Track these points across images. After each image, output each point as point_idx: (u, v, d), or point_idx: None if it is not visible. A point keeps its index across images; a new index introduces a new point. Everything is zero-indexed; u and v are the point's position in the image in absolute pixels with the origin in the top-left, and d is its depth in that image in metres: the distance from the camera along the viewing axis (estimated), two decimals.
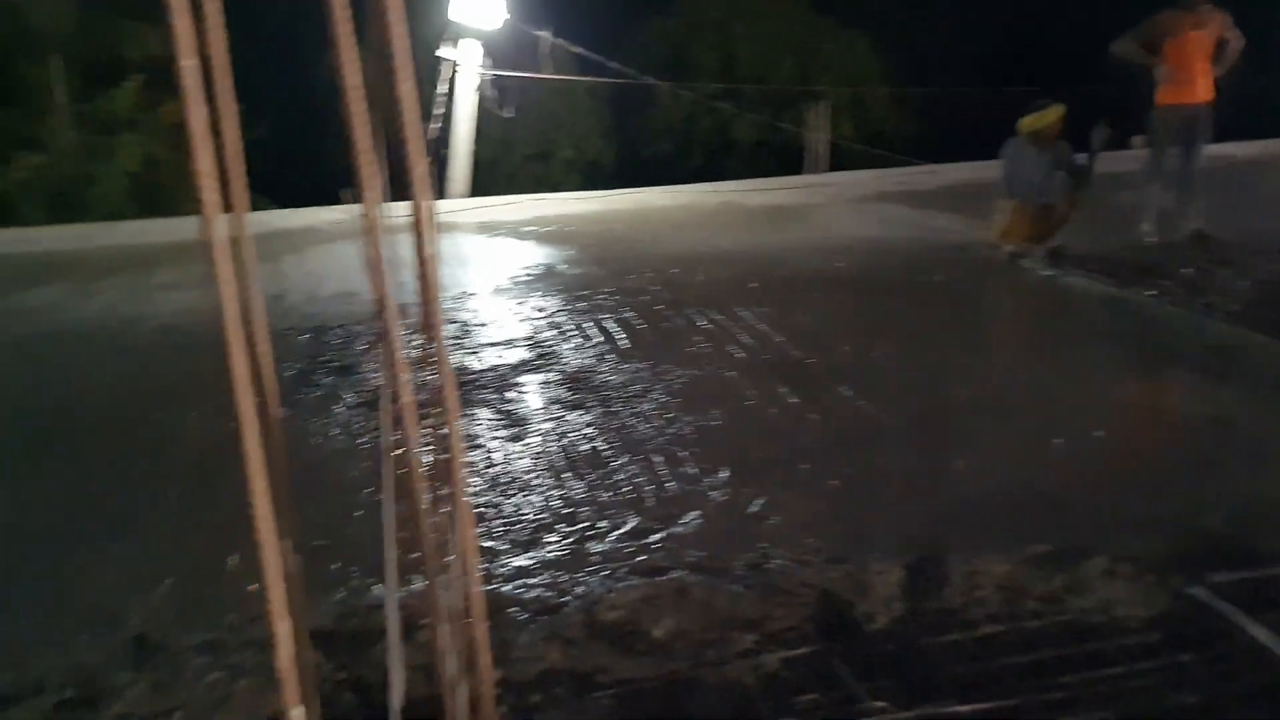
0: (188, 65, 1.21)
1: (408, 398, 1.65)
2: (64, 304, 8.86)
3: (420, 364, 1.97)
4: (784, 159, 23.59)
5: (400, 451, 1.90)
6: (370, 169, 1.91)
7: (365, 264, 1.83)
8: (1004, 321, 7.52)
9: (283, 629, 1.31)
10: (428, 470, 2.39)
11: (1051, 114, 8.37)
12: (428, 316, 1.67)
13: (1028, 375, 5.64)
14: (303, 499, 3.99)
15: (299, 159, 26.30)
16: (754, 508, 3.81)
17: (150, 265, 10.97)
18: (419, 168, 2.19)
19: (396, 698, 2.49)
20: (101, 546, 3.72)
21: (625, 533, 3.63)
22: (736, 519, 3.72)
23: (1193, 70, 8.58)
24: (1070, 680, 2.60)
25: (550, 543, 3.58)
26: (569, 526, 3.72)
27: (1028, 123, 8.43)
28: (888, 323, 7.08)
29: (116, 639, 2.99)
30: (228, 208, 1.45)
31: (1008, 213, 8.67)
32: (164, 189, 23.05)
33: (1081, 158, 8.40)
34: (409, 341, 1.81)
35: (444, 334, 6.23)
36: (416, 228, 1.58)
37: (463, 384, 5.82)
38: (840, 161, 22.30)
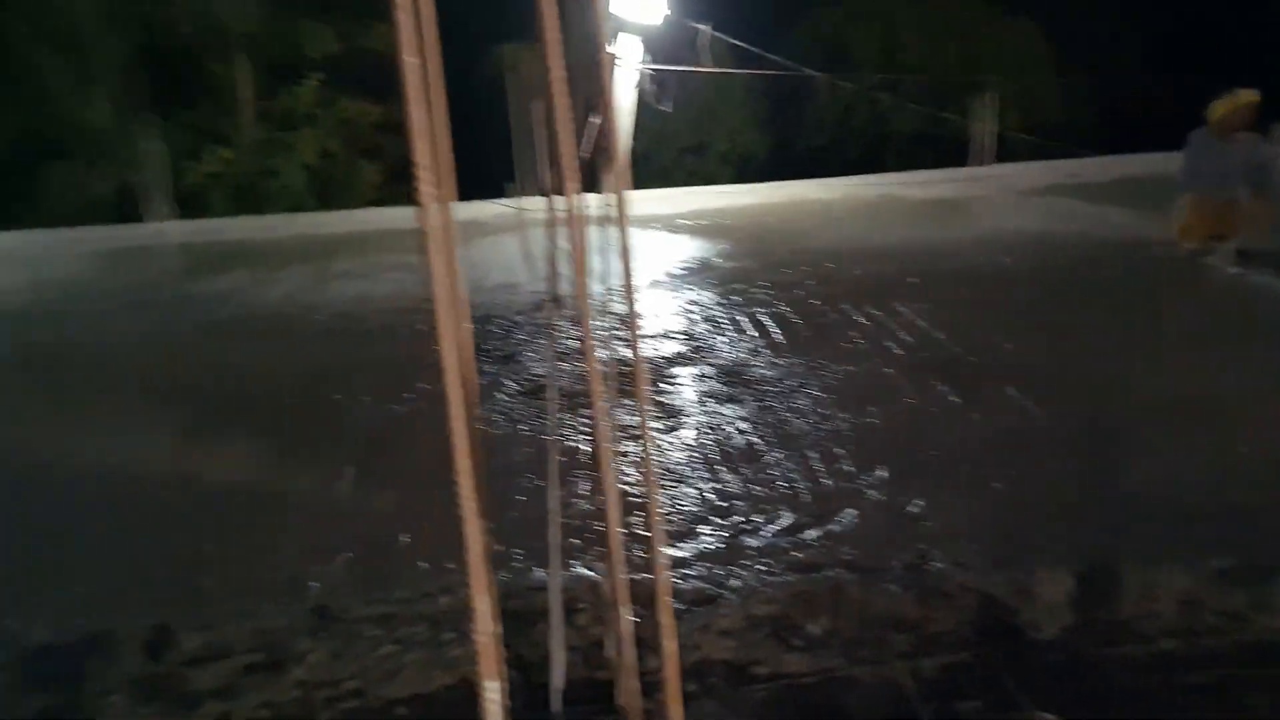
0: (411, 62, 1.28)
1: (599, 388, 1.69)
2: (249, 290, 9.47)
3: (579, 354, 2.02)
4: (946, 151, 22.90)
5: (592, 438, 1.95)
6: (571, 164, 1.95)
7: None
8: (1184, 322, 7.10)
9: (482, 605, 1.37)
10: (594, 458, 2.45)
11: (1242, 100, 7.81)
12: (627, 306, 1.70)
13: (1210, 379, 5.30)
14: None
15: (461, 154, 27.17)
16: (913, 508, 3.73)
17: (326, 255, 11.60)
18: (617, 163, 2.25)
19: (558, 677, 2.57)
20: (283, 519, 3.96)
21: (780, 528, 3.62)
22: (894, 519, 3.66)
23: None
24: (1254, 702, 2.45)
25: (705, 535, 3.60)
26: (723, 520, 3.74)
27: (1217, 110, 7.89)
28: (1057, 321, 6.79)
29: (298, 608, 3.18)
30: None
31: (1189, 208, 8.15)
32: (338, 182, 24.26)
33: (1269, 150, 7.80)
34: (567, 331, 1.86)
35: (599, 326, 6.32)
36: (620, 221, 1.62)
37: (619, 375, 5.92)
38: (1007, 153, 21.47)
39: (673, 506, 3.91)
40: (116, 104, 22.28)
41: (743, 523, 3.70)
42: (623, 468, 4.21)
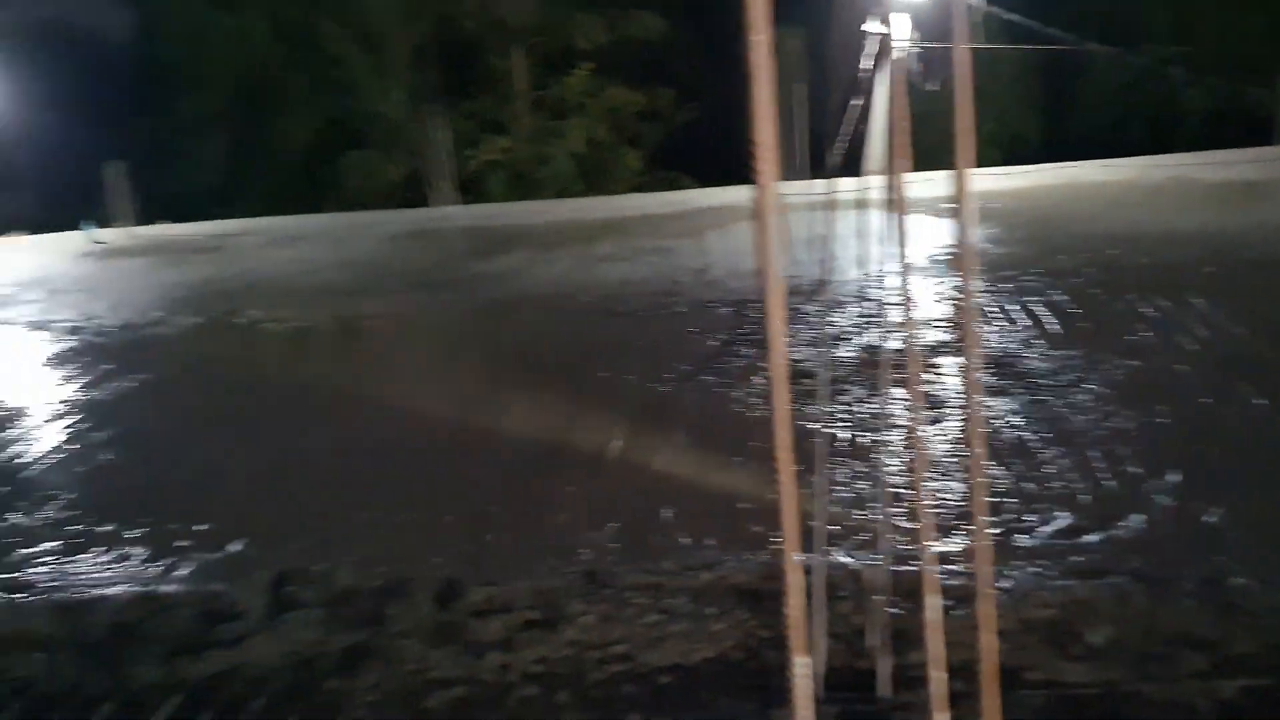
0: (758, 40, 1.31)
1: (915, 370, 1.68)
2: (524, 270, 10.03)
3: (838, 340, 2.00)
4: (1247, 130, 20.66)
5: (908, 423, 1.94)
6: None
7: (788, 240, 1.89)
8: None
9: (795, 579, 1.40)
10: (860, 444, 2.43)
11: None
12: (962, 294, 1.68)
13: None
14: (729, 463, 4.21)
15: (726, 139, 27.41)
16: (1210, 517, 3.43)
17: (591, 239, 12.08)
18: (880, 147, 2.22)
19: (820, 662, 2.58)
20: (557, 486, 4.19)
21: (1057, 529, 3.44)
22: (1188, 528, 3.38)
23: None
24: None
25: (973, 531, 3.48)
26: (993, 516, 3.59)
27: None
28: None
29: (570, 571, 3.36)
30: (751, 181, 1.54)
31: None
32: (602, 169, 25.16)
33: None
34: (827, 317, 1.84)
35: (857, 311, 6.21)
36: (960, 205, 1.60)
37: (878, 363, 5.80)
38: None
39: (938, 499, 3.80)
40: (408, 96, 24.17)
41: (1014, 521, 3.55)
42: (884, 457, 4.14)
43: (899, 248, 2.39)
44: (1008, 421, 4.61)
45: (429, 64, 22.00)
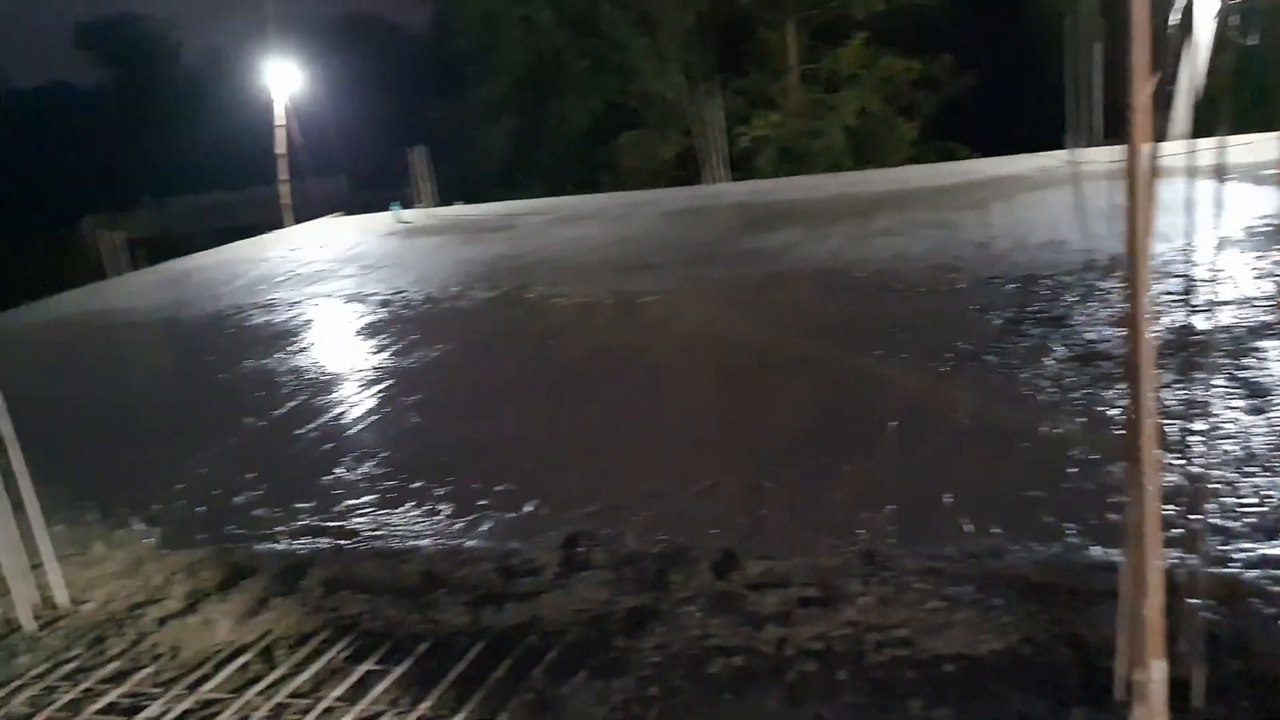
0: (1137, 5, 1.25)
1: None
2: (797, 246, 9.97)
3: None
4: None
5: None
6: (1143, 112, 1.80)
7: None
8: None
9: (1155, 577, 1.34)
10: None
11: None
12: None
13: None
14: (1015, 449, 4.02)
15: (1007, 106, 25.91)
16: None
17: (865, 213, 11.80)
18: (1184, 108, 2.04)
19: (1124, 664, 2.42)
20: (833, 464, 4.17)
21: None
22: None
23: None
24: None
25: None
26: None
27: None
28: None
29: (849, 551, 3.34)
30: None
31: None
32: (874, 141, 24.48)
33: None
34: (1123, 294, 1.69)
35: (1162, 289, 5.68)
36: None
37: (1188, 346, 5.32)
38: None
39: (1259, 497, 3.45)
40: (683, 75, 24.59)
41: None
42: (1199, 448, 3.80)
43: (1215, 218, 2.18)
44: None
45: (703, 42, 22.25)
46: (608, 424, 5.09)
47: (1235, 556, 3.06)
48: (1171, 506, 3.36)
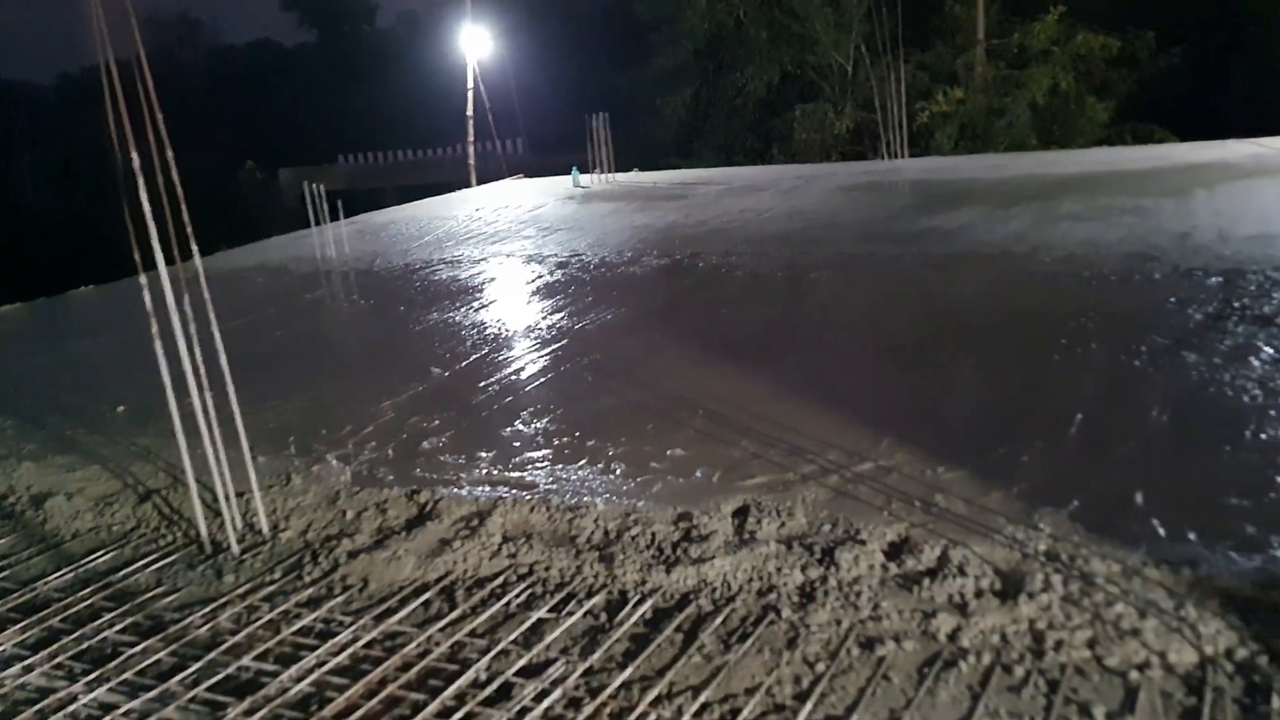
0: None
1: None
2: (977, 227, 9.64)
3: None
4: None
5: None
6: None
7: None
8: None
9: None
10: None
11: None
12: None
13: None
14: (1214, 452, 3.81)
15: (1213, 88, 24.16)
16: None
17: (1051, 195, 11.28)
18: None
19: None
20: (1013, 455, 4.04)
21: None
22: None
23: None
24: None
25: None
26: None
27: None
28: None
29: (1031, 545, 3.25)
30: None
31: None
32: (1064, 120, 23.27)
33: None
34: None
35: None
36: None
37: None
38: None
39: None
40: (864, 47, 23.97)
41: None
42: None
43: None
44: None
45: (887, 14, 21.61)
46: (778, 397, 5.08)
47: None
48: None
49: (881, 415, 4.66)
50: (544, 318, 7.36)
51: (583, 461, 4.43)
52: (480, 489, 4.22)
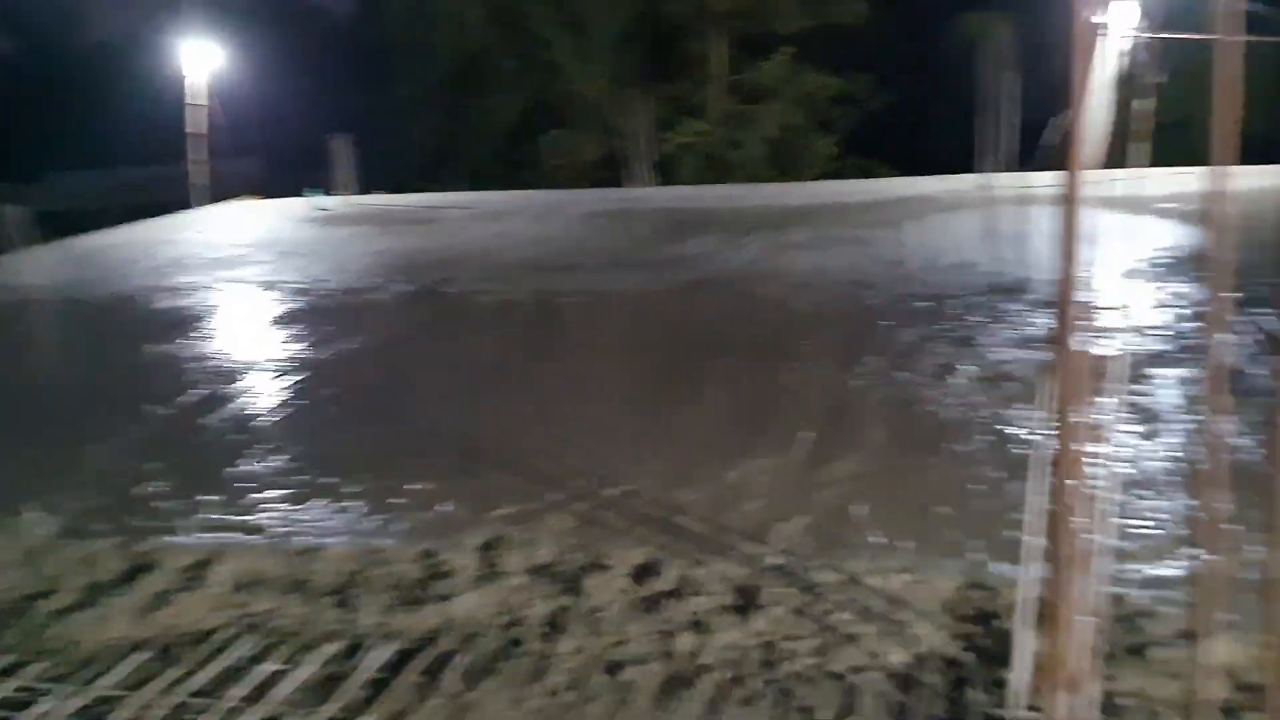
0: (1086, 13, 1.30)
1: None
2: (716, 254, 10.09)
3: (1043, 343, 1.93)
4: None
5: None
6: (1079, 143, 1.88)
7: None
8: None
9: (1069, 620, 1.39)
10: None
11: None
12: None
13: None
14: (923, 464, 4.13)
15: (922, 128, 26.56)
16: None
17: (782, 225, 12.00)
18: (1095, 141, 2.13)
19: (1018, 678, 2.52)
20: (750, 471, 4.22)
21: None
22: None
23: None
24: None
25: (1191, 558, 3.29)
26: (1211, 543, 3.38)
27: None
28: None
29: (761, 561, 3.40)
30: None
31: None
32: (794, 154, 24.88)
33: None
34: (1029, 318, 1.78)
35: (1068, 315, 5.86)
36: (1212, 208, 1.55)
37: (1089, 370, 5.54)
38: None
39: (1152, 519, 3.62)
40: (611, 77, 24.61)
41: (1234, 550, 3.33)
42: (1089, 469, 3.96)
43: (1130, 247, 2.29)
44: (1233, 443, 4.32)
45: (632, 47, 22.32)
46: (526, 426, 5.07)
47: (1128, 577, 3.21)
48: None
49: (627, 440, 4.75)
50: (280, 349, 6.99)
51: (319, 501, 4.22)
52: (203, 535, 3.92)
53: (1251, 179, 13.44)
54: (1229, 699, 2.49)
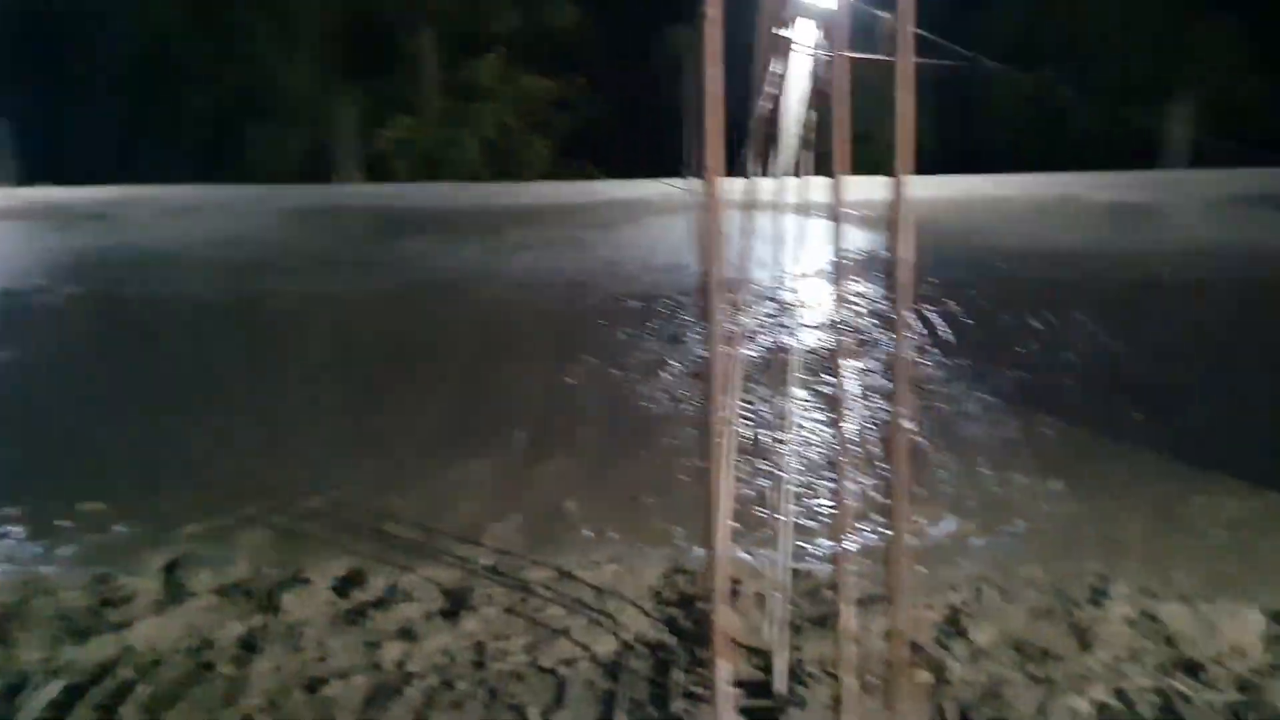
0: (712, 15, 1.34)
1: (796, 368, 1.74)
2: (431, 255, 9.90)
3: (746, 339, 2.06)
4: (1134, 153, 21.63)
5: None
6: (715, 147, 1.97)
7: (701, 237, 1.93)
8: None
9: (721, 586, 1.45)
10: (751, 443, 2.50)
11: None
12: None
13: None
14: (634, 457, 4.25)
15: (636, 133, 27.43)
16: (1090, 527, 3.62)
17: (500, 226, 11.98)
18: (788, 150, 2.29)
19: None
20: (463, 474, 4.17)
21: (945, 532, 3.59)
22: (1069, 534, 3.56)
23: None
24: None
25: (866, 531, 3.60)
26: (886, 518, 3.72)
27: None
28: (1252, 343, 6.40)
29: (474, 563, 3.36)
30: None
31: None
32: (511, 155, 24.94)
33: None
34: (734, 316, 1.89)
35: (762, 312, 6.29)
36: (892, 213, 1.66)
37: (783, 363, 5.93)
38: (1202, 158, 20.15)
39: (833, 500, 3.91)
40: (316, 69, 23.53)
41: (904, 524, 3.68)
42: (786, 456, 4.24)
43: (831, 248, 2.46)
44: (906, 425, 4.76)
45: (339, 39, 21.45)
46: (217, 439, 4.73)
47: (815, 553, 3.46)
48: (766, 509, 3.72)
49: (333, 449, 4.55)
50: None
51: None
52: None
53: (929, 189, 14.95)
54: (902, 658, 2.73)
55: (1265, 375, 5.58)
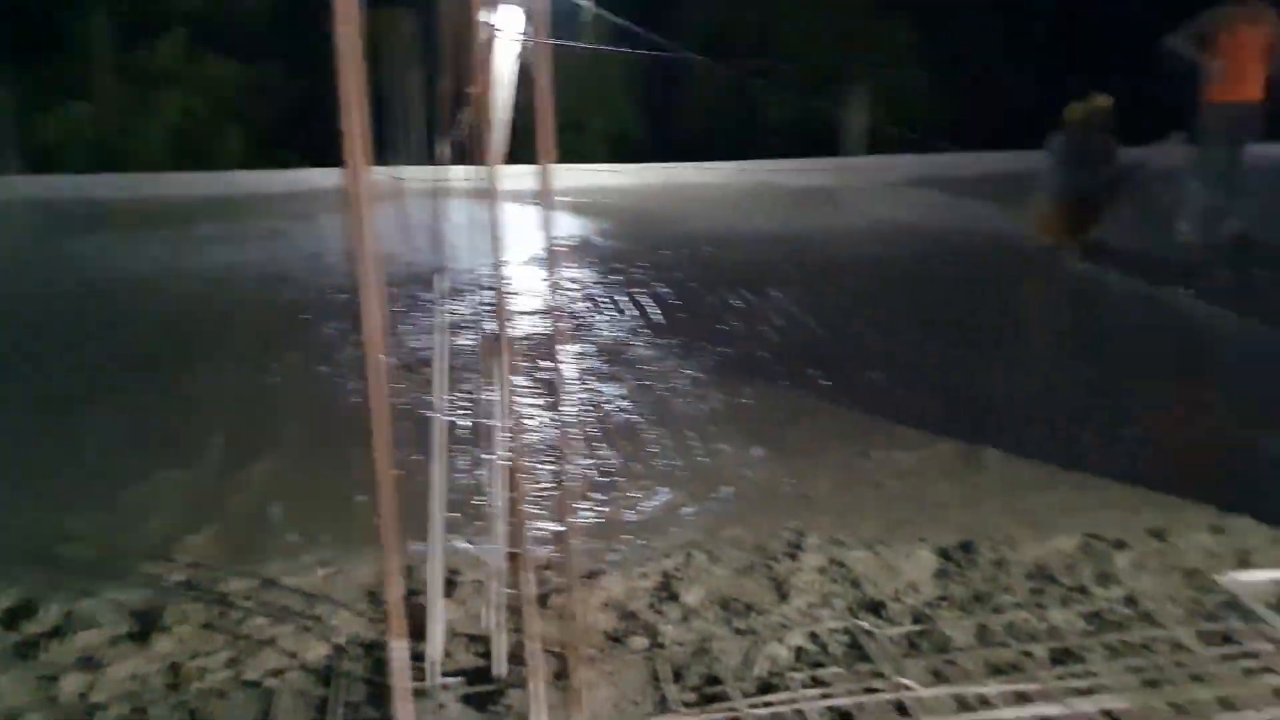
0: (345, 31, 1.29)
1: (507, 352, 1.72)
2: (113, 252, 9.04)
3: (456, 329, 2.04)
4: (818, 141, 23.46)
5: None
6: (356, 132, 1.92)
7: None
8: (1036, 315, 7.53)
9: (393, 565, 1.42)
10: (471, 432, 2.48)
11: (1095, 105, 8.35)
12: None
13: (1058, 370, 5.67)
14: (345, 456, 4.09)
15: (334, 119, 26.33)
16: (787, 487, 3.88)
17: (192, 219, 11.15)
18: (493, 137, 2.27)
19: (435, 649, 2.59)
20: (153, 487, 3.84)
21: (660, 504, 3.72)
22: (770, 497, 3.80)
23: (1244, 68, 8.44)
24: None
25: (584, 511, 3.67)
26: (604, 495, 3.81)
27: (1073, 113, 8.41)
28: (919, 311, 7.11)
29: (166, 580, 3.10)
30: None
31: (1046, 205, 8.66)
32: (201, 143, 23.25)
33: (1125, 154, 8.39)
34: (445, 306, 1.87)
35: (476, 300, 6.28)
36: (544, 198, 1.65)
37: (495, 351, 5.92)
38: (877, 145, 22.16)
39: (553, 482, 3.95)
40: None
41: (622, 498, 3.78)
42: (499, 443, 4.23)
43: (540, 237, 2.46)
44: (617, 406, 4.90)
45: None
46: None
47: (535, 536, 3.47)
48: (482, 497, 3.68)
49: None
50: None
51: None
52: None
53: (638, 177, 15.43)
54: (615, 628, 2.80)
55: (931, 340, 6.21)
